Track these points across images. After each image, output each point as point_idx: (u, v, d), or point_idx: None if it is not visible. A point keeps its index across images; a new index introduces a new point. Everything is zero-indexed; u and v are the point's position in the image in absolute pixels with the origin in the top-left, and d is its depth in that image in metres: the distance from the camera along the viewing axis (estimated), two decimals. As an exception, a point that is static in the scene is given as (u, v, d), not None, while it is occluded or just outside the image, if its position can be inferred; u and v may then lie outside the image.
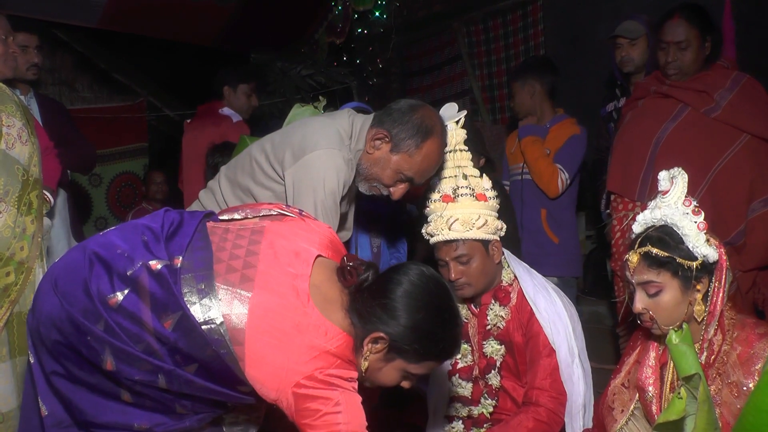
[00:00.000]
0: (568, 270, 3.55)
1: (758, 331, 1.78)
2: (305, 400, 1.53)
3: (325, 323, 1.59)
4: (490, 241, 2.29)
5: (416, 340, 1.63)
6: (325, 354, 1.56)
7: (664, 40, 2.93)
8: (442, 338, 1.68)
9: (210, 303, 1.55)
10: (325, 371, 1.55)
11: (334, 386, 1.55)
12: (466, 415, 2.36)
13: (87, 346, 1.54)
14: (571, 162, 3.46)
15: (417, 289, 1.65)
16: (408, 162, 2.18)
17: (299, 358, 1.54)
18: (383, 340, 1.62)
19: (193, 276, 1.58)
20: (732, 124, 2.82)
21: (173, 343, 1.53)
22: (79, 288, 1.57)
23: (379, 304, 1.63)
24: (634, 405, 1.97)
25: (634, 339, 2.09)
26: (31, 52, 3.52)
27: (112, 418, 1.61)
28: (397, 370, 1.69)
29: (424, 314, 1.63)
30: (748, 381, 1.70)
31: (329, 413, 1.53)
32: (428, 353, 1.67)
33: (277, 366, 1.54)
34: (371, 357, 1.65)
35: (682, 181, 1.84)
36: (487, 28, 5.66)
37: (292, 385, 1.53)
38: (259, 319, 1.55)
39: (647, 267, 1.82)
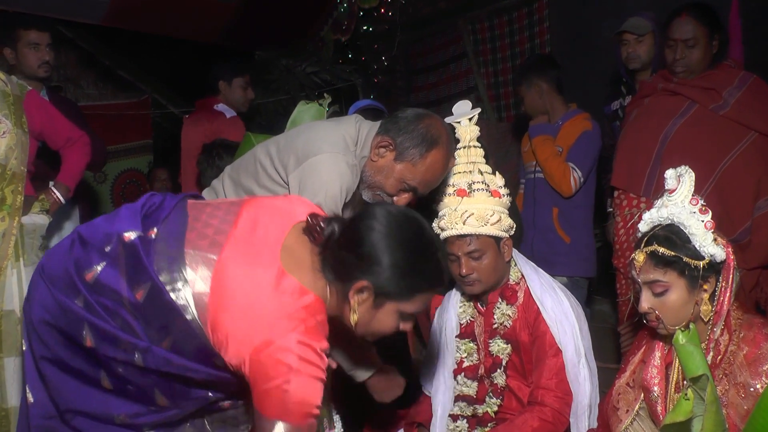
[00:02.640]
0: (579, 270, 3.51)
1: (766, 331, 1.77)
2: (261, 366, 1.50)
3: (292, 284, 1.55)
4: (503, 238, 2.29)
5: (402, 279, 1.59)
6: (290, 317, 1.52)
7: (672, 37, 2.93)
8: (428, 268, 1.64)
9: (177, 269, 1.55)
10: (286, 337, 1.51)
11: (291, 353, 1.50)
12: (471, 414, 2.36)
13: (69, 324, 1.56)
14: (583, 159, 3.41)
15: (390, 229, 1.60)
16: (412, 171, 2.17)
17: (262, 321, 1.51)
18: (368, 289, 1.58)
19: (165, 245, 1.59)
20: (740, 122, 2.82)
21: (146, 315, 1.54)
22: (60, 268, 1.61)
23: (355, 255, 1.59)
24: (639, 405, 1.96)
25: (640, 338, 2.08)
26: (42, 50, 3.52)
27: (93, 406, 1.61)
28: (390, 314, 1.64)
29: (403, 251, 1.59)
30: (756, 382, 1.69)
31: (282, 383, 1.48)
32: (418, 287, 1.63)
33: (239, 329, 1.52)
34: (360, 309, 1.61)
35: (689, 180, 1.83)
36: (493, 26, 5.64)
37: (251, 350, 1.50)
38: (222, 281, 1.54)
39: (654, 266, 1.81)
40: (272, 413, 1.50)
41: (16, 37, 3.47)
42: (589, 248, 3.57)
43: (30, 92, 3.09)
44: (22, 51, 3.49)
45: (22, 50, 3.49)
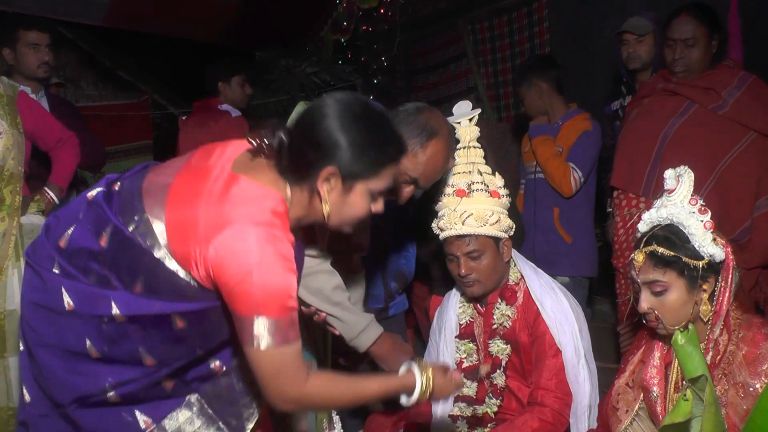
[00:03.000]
0: (580, 270, 3.50)
1: (765, 331, 1.77)
2: (222, 261, 1.48)
3: (246, 182, 1.57)
4: (502, 239, 2.29)
5: (365, 154, 1.59)
6: (245, 208, 1.52)
7: (672, 37, 2.94)
8: (386, 140, 1.65)
9: (135, 206, 1.58)
10: (241, 224, 1.49)
11: (249, 239, 1.48)
12: (471, 414, 2.36)
13: (49, 294, 1.59)
14: (583, 159, 3.40)
15: (340, 112, 1.59)
16: (413, 162, 2.14)
17: (217, 219, 1.50)
18: (334, 175, 1.57)
19: (127, 192, 1.63)
20: (739, 122, 2.83)
21: (114, 261, 1.57)
22: (38, 247, 1.67)
23: (312, 146, 1.58)
24: (639, 405, 1.96)
25: (639, 338, 2.08)
26: (42, 50, 3.52)
27: (84, 385, 1.62)
28: (361, 195, 1.63)
29: (358, 128, 1.59)
30: (755, 381, 1.69)
31: (246, 274, 1.47)
32: (381, 160, 1.63)
33: (197, 235, 1.51)
34: (331, 197, 1.60)
35: (689, 180, 1.83)
36: (492, 26, 5.65)
37: (210, 250, 1.49)
38: (176, 200, 1.56)
39: (653, 266, 1.81)
40: (246, 309, 1.48)
41: (16, 37, 3.47)
42: (590, 248, 3.57)
43: (21, 92, 3.10)
44: (22, 51, 3.49)
45: (22, 50, 3.49)
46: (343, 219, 1.67)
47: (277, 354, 1.50)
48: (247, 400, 1.81)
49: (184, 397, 1.74)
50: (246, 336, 1.49)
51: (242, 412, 1.81)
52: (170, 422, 1.72)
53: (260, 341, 1.48)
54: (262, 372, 1.52)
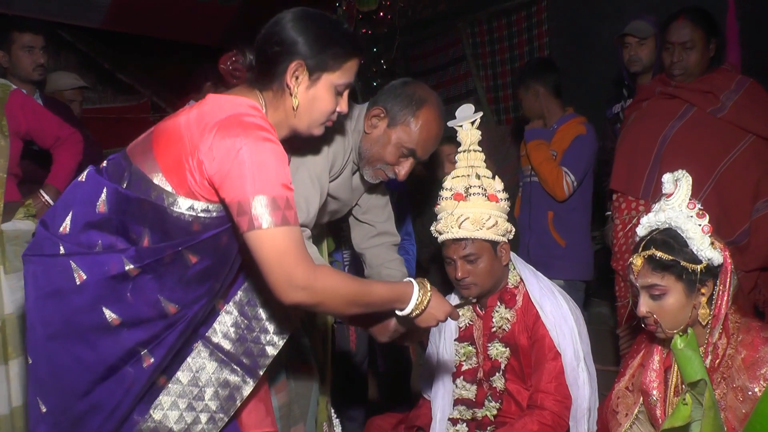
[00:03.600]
0: (575, 273, 3.50)
1: (764, 335, 1.77)
2: (214, 154, 1.55)
3: (219, 95, 1.68)
4: (499, 242, 2.30)
5: (326, 47, 1.72)
6: (223, 111, 1.60)
7: (670, 40, 2.96)
8: (343, 36, 1.78)
9: (121, 165, 1.67)
10: (223, 118, 1.58)
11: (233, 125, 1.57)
12: (470, 417, 2.36)
13: (59, 275, 1.60)
14: (577, 164, 3.42)
15: (298, 15, 1.74)
16: (407, 133, 2.16)
17: (202, 126, 1.58)
18: (301, 67, 1.71)
19: (112, 162, 1.71)
20: (738, 125, 2.84)
21: (117, 219, 1.62)
22: (38, 241, 1.67)
23: (277, 47, 1.72)
24: (639, 409, 1.96)
25: (638, 342, 2.08)
26: (37, 53, 3.52)
27: (109, 356, 1.62)
28: (326, 88, 1.76)
29: (316, 27, 1.73)
30: (754, 385, 1.70)
31: (236, 157, 1.53)
32: (342, 54, 1.75)
33: (183, 150, 1.59)
34: (299, 90, 1.73)
35: (686, 184, 1.84)
36: (492, 29, 5.66)
37: (199, 147, 1.56)
38: (159, 135, 1.66)
39: (651, 270, 1.81)
40: (243, 192, 1.53)
41: (10, 39, 3.47)
42: (585, 251, 3.57)
43: (13, 92, 3.08)
44: (17, 54, 3.49)
45: (17, 53, 3.49)
46: (312, 115, 1.78)
47: (279, 234, 1.53)
48: (255, 336, 1.83)
49: (192, 346, 1.77)
50: (246, 221, 1.53)
51: (252, 349, 1.83)
52: (183, 374, 1.75)
53: (261, 220, 1.52)
54: (266, 255, 1.54)
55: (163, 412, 1.72)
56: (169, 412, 1.72)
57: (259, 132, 1.57)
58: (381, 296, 1.74)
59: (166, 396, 1.73)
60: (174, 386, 1.74)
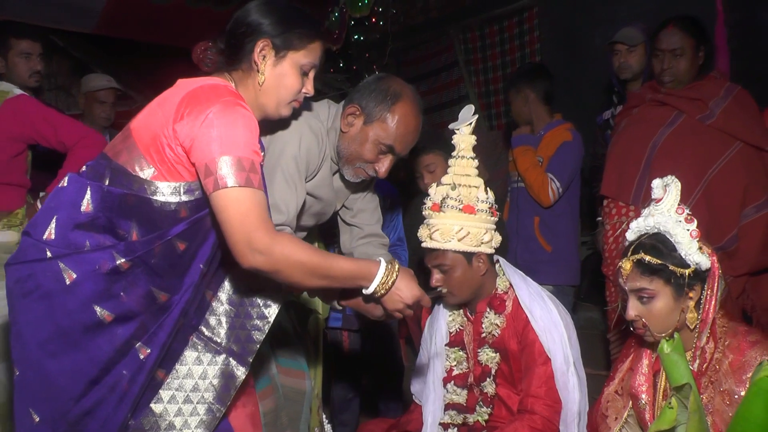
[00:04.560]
0: (563, 278, 3.52)
1: (750, 339, 1.79)
2: (183, 113, 1.62)
3: (192, 78, 1.74)
4: (474, 253, 2.27)
5: (290, 28, 1.82)
6: (192, 85, 1.69)
7: (659, 48, 2.99)
8: (305, 17, 1.88)
9: (100, 164, 1.70)
10: (197, 90, 1.67)
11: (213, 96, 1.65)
12: (461, 422, 2.36)
13: (47, 277, 1.61)
14: (562, 170, 3.43)
15: (261, 1, 1.85)
16: (384, 129, 2.15)
17: (173, 101, 1.67)
18: (267, 46, 1.80)
19: (91, 165, 1.73)
20: (726, 131, 2.87)
21: (104, 217, 1.64)
22: (22, 249, 1.69)
23: (243, 29, 1.81)
24: (628, 412, 1.97)
25: (627, 346, 2.10)
26: (34, 60, 3.52)
27: (103, 358, 1.63)
28: (292, 67, 1.85)
29: (279, 9, 1.84)
30: (740, 389, 1.71)
31: (205, 119, 1.60)
32: (305, 34, 1.85)
33: (159, 130, 1.65)
34: (266, 67, 1.82)
35: (675, 189, 1.86)
36: (484, 35, 5.68)
37: (173, 121, 1.63)
38: (138, 122, 1.72)
39: (640, 274, 1.83)
40: (210, 152, 1.59)
41: (8, 46, 3.46)
42: (572, 256, 3.59)
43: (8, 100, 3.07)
44: (14, 60, 3.48)
45: (14, 59, 3.48)
46: (279, 93, 1.85)
47: (242, 194, 1.58)
48: (241, 322, 1.85)
49: (187, 339, 1.78)
50: (211, 181, 1.58)
51: (240, 335, 1.84)
52: (181, 367, 1.76)
53: (226, 180, 1.57)
54: (228, 215, 1.58)
55: (163, 405, 1.73)
56: (168, 405, 1.73)
57: (230, 98, 1.66)
58: (344, 270, 1.76)
59: (167, 390, 1.74)
60: (173, 380, 1.74)
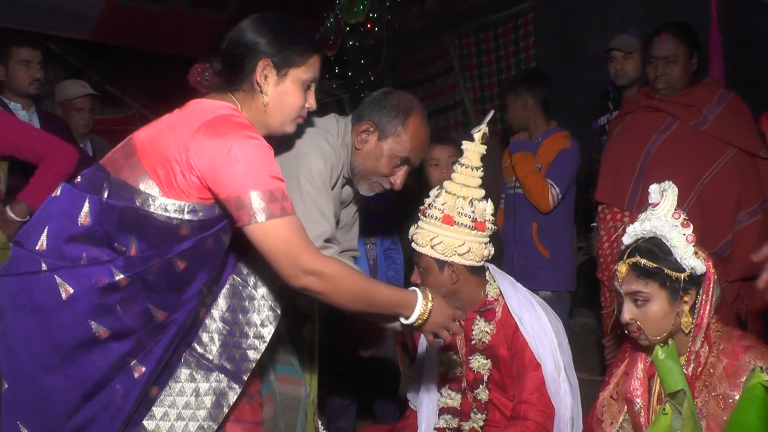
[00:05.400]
0: (560, 284, 3.53)
1: (744, 344, 1.80)
2: (202, 149, 1.60)
3: (202, 101, 1.75)
4: (446, 262, 2.26)
5: (290, 43, 1.80)
6: (207, 115, 1.67)
7: (653, 55, 3.01)
8: (303, 32, 1.87)
9: (98, 177, 1.68)
10: (208, 121, 1.64)
11: (219, 124, 1.63)
12: (456, 426, 2.36)
13: (43, 291, 1.59)
14: (562, 176, 3.45)
15: (257, 19, 1.84)
16: (399, 143, 2.19)
17: (188, 128, 1.64)
18: (268, 65, 1.78)
19: (87, 176, 1.71)
20: (720, 138, 2.88)
21: (102, 230, 1.62)
22: (14, 260, 1.66)
23: (243, 49, 1.79)
24: (623, 417, 1.98)
25: (623, 351, 2.10)
26: (33, 67, 3.53)
27: (100, 367, 1.62)
28: (294, 84, 1.83)
29: (276, 26, 1.82)
30: (734, 393, 1.72)
31: (228, 153, 1.59)
32: (304, 49, 1.83)
33: (171, 152, 1.63)
34: (268, 87, 1.80)
35: (672, 195, 1.87)
36: (479, 41, 5.69)
37: (189, 147, 1.61)
38: (143, 140, 1.70)
39: (636, 277, 1.84)
40: (238, 187, 1.59)
41: (8, 53, 3.47)
42: (569, 262, 3.60)
43: None
44: (13, 68, 3.49)
45: (13, 67, 3.49)
46: (283, 111, 1.84)
47: (281, 224, 1.60)
48: (236, 340, 1.85)
49: (180, 356, 1.77)
50: (246, 215, 1.59)
51: (234, 354, 1.84)
52: (174, 384, 1.76)
53: (262, 213, 1.58)
54: (270, 246, 1.61)
55: (156, 422, 1.72)
56: (161, 422, 1.73)
57: (245, 131, 1.64)
58: (386, 297, 1.79)
59: (160, 407, 1.73)
60: (167, 397, 1.74)
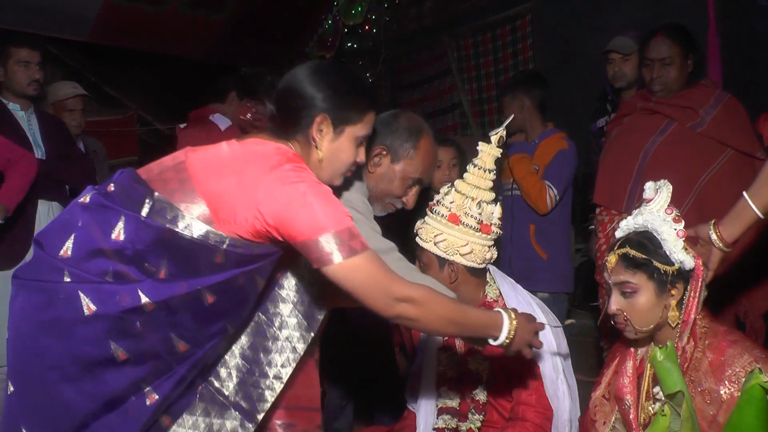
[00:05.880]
0: (558, 286, 3.54)
1: (729, 338, 1.81)
2: (274, 193, 1.58)
3: (263, 143, 1.71)
4: (447, 260, 2.28)
5: (348, 99, 1.77)
6: (272, 158, 1.64)
7: (649, 57, 3.01)
8: (362, 88, 1.87)
9: (139, 192, 1.62)
10: (280, 167, 1.62)
11: (297, 175, 1.62)
12: (455, 426, 2.37)
13: (64, 303, 1.55)
14: (559, 178, 3.45)
15: (314, 68, 1.79)
16: (412, 165, 2.21)
17: (253, 172, 1.61)
18: (326, 120, 1.74)
19: (123, 187, 1.65)
20: (716, 139, 2.89)
21: (133, 249, 1.57)
22: (35, 264, 1.63)
23: (297, 105, 1.75)
24: (615, 416, 1.99)
25: (613, 351, 2.12)
26: (33, 68, 3.52)
27: (116, 384, 1.59)
28: (349, 140, 1.79)
29: (335, 80, 1.78)
30: (720, 387, 1.72)
31: (302, 196, 1.58)
32: (362, 106, 1.80)
33: (235, 190, 1.61)
34: (324, 142, 1.76)
35: (666, 192, 1.89)
36: (477, 43, 5.70)
37: (257, 189, 1.59)
38: (200, 168, 1.65)
39: (624, 268, 1.85)
40: (312, 232, 1.57)
41: (7, 54, 3.47)
42: (566, 264, 3.61)
43: None
44: (12, 68, 3.49)
45: (12, 68, 3.48)
46: (335, 166, 1.81)
47: (360, 261, 1.59)
48: (255, 380, 1.82)
49: (196, 390, 1.75)
50: (326, 255, 1.57)
51: (251, 392, 1.81)
52: (187, 417, 1.73)
53: (342, 253, 1.57)
54: (359, 282, 1.60)
55: None
56: None
57: (311, 176, 1.65)
58: (476, 320, 1.79)
59: None
60: (179, 429, 1.71)
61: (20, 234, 3.37)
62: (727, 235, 1.92)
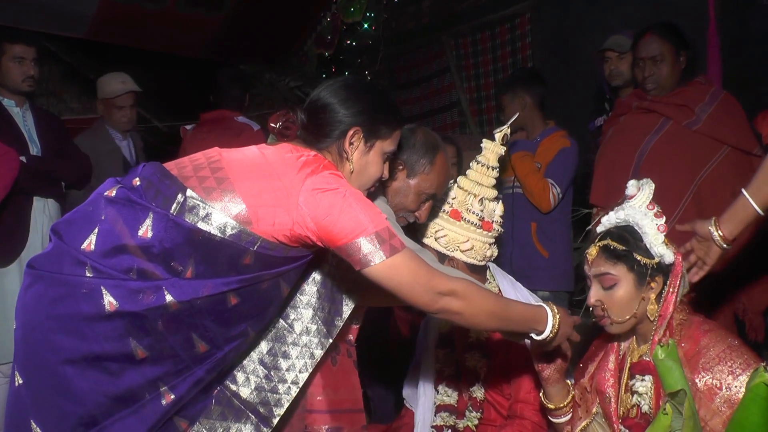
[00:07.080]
0: (559, 284, 3.53)
1: (703, 328, 1.83)
2: (315, 198, 1.60)
3: (298, 150, 1.73)
4: (447, 256, 2.30)
5: (382, 115, 1.81)
6: (310, 165, 1.66)
7: (639, 56, 3.04)
8: (390, 104, 1.90)
9: (169, 188, 1.60)
10: (318, 173, 1.64)
11: (335, 180, 1.65)
12: (453, 424, 2.37)
13: (86, 298, 1.53)
14: (562, 176, 3.45)
15: (347, 83, 1.82)
16: (427, 180, 2.21)
17: (293, 177, 1.63)
18: (358, 133, 1.77)
19: (152, 182, 1.62)
20: (713, 137, 2.89)
21: (160, 246, 1.55)
22: (54, 255, 1.59)
23: (330, 118, 1.77)
24: (596, 409, 2.01)
25: (597, 345, 2.14)
26: (27, 64, 3.51)
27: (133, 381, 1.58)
28: (377, 155, 1.82)
29: (366, 92, 1.84)
30: (695, 377, 1.73)
31: (341, 200, 1.60)
32: (392, 121, 1.83)
33: (275, 193, 1.61)
34: (355, 155, 1.79)
35: (649, 189, 1.92)
36: (476, 41, 5.70)
37: (298, 193, 1.60)
38: (237, 169, 1.65)
39: (605, 259, 1.87)
40: (359, 231, 1.59)
41: (1, 50, 3.45)
42: (567, 262, 3.60)
43: None
44: (7, 65, 3.47)
45: (7, 64, 3.47)
46: (362, 180, 1.83)
47: (402, 259, 1.61)
48: (273, 386, 1.81)
49: (212, 393, 1.74)
50: (366, 257, 1.59)
51: (268, 397, 1.80)
52: (204, 421, 1.72)
53: (384, 252, 1.59)
54: (401, 279, 1.62)
55: None
56: None
57: (346, 182, 1.69)
58: (520, 314, 1.80)
59: None
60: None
61: (15, 231, 3.36)
62: (727, 233, 1.92)
